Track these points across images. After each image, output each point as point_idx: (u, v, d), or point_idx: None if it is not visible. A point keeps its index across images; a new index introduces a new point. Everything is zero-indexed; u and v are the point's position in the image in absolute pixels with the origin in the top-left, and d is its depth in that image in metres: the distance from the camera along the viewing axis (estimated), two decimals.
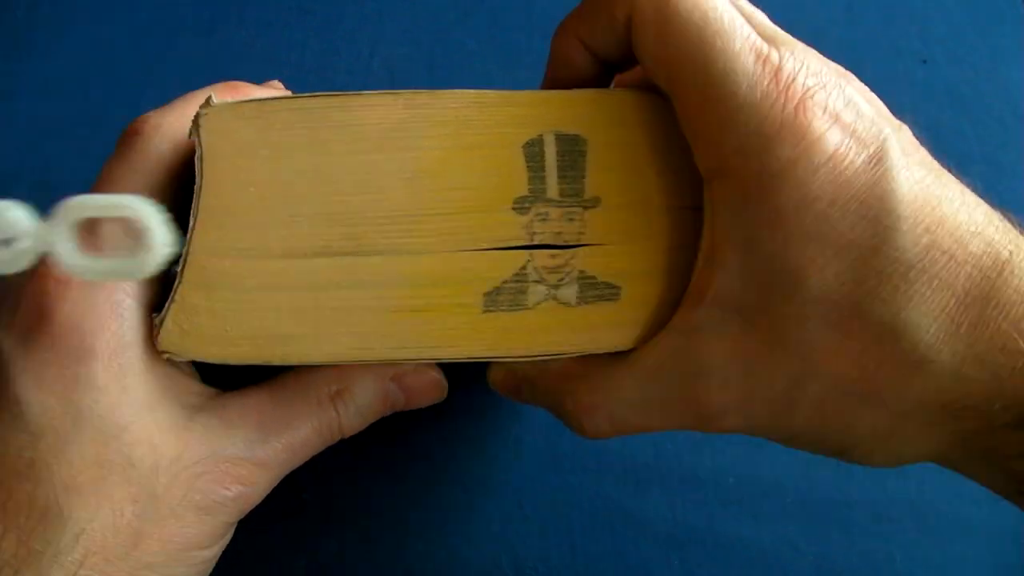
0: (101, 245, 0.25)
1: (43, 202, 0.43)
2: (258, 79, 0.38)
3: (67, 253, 0.23)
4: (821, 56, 0.26)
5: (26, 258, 0.23)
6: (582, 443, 0.39)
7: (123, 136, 0.30)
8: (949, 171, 0.26)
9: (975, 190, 0.26)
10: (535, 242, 0.28)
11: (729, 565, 0.38)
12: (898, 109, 0.27)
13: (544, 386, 0.30)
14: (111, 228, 0.25)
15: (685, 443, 0.40)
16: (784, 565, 0.38)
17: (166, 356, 0.28)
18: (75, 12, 0.45)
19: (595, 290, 0.28)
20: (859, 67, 0.27)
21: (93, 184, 0.32)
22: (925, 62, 0.48)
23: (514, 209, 0.28)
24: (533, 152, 0.28)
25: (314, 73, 0.46)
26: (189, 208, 0.27)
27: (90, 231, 0.24)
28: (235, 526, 0.32)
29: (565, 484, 0.39)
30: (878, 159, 0.24)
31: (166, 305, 0.28)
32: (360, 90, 0.28)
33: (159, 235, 0.23)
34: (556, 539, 0.38)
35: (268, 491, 0.32)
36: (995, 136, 0.47)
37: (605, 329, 0.28)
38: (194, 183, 0.27)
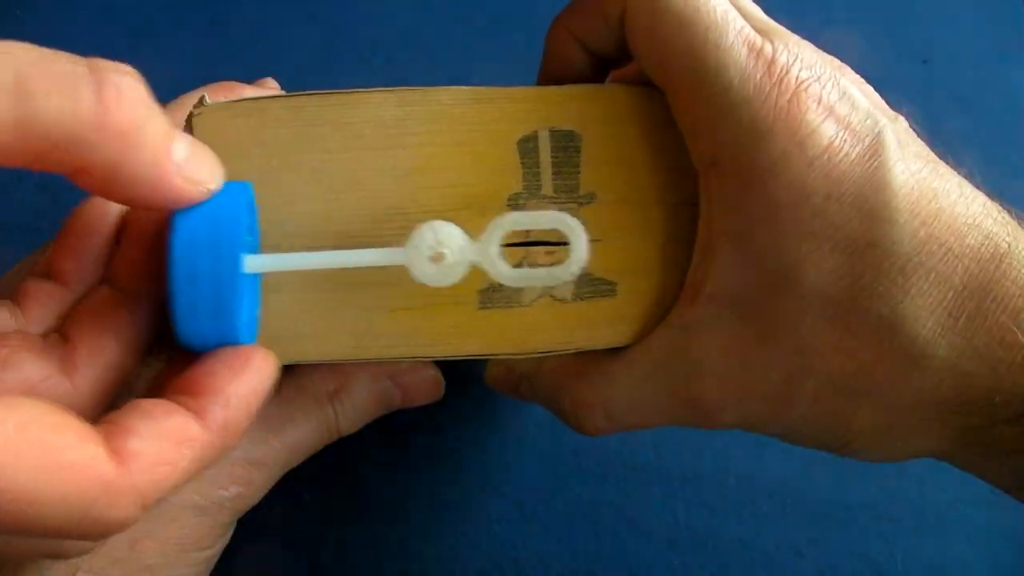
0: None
1: (44, 203, 0.43)
2: (257, 80, 0.39)
3: (498, 266, 0.24)
4: (816, 48, 0.26)
5: (457, 272, 0.24)
6: (582, 443, 0.39)
7: None
8: (946, 162, 0.26)
9: (973, 181, 0.26)
10: (530, 239, 0.28)
11: (729, 566, 0.38)
12: (898, 109, 0.27)
13: (542, 383, 0.30)
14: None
15: (685, 443, 0.39)
16: (784, 565, 0.38)
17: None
18: (75, 12, 0.45)
19: (591, 286, 0.28)
20: (859, 67, 0.27)
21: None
22: (925, 62, 0.48)
23: (509, 206, 0.28)
24: (527, 148, 0.28)
25: (314, 74, 0.46)
26: None
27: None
28: (234, 526, 0.32)
29: (565, 484, 0.39)
30: (873, 152, 0.24)
31: None
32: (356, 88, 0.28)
33: (582, 245, 0.24)
34: (556, 539, 0.38)
35: (266, 491, 0.32)
36: (996, 136, 0.47)
37: (602, 325, 0.28)
38: None
